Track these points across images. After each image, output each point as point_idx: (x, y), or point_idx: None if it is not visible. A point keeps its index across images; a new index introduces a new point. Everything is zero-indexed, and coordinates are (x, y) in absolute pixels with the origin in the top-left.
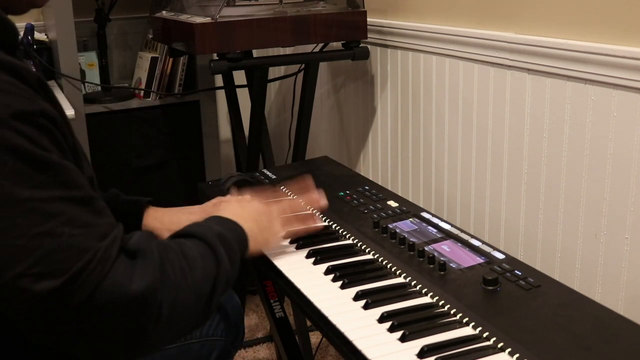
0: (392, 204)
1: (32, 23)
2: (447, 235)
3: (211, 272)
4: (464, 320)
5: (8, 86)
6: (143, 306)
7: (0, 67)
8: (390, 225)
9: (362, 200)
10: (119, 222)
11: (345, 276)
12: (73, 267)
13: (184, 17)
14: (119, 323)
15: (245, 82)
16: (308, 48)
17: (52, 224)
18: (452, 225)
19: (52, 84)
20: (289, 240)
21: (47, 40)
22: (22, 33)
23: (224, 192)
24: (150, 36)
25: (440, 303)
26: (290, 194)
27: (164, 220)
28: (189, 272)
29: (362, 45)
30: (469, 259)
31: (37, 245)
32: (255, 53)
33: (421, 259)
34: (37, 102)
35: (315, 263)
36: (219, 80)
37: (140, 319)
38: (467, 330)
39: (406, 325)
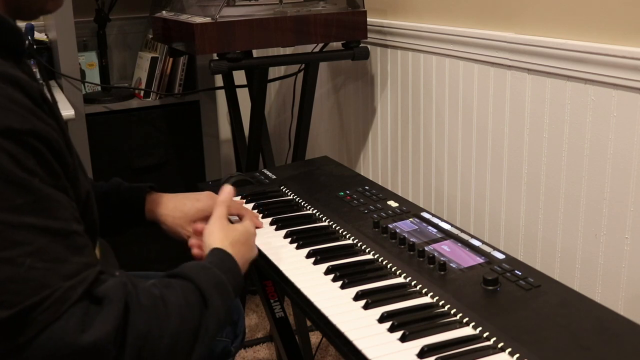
0: (392, 204)
1: (32, 23)
2: (447, 235)
3: (194, 322)
4: (464, 320)
5: (3, 100)
6: (91, 358)
7: (3, 79)
8: (390, 225)
9: (362, 200)
10: (123, 214)
11: (345, 276)
12: (25, 302)
13: (184, 17)
14: None
15: (245, 82)
16: (308, 48)
17: (15, 252)
18: (452, 225)
19: (52, 84)
20: (289, 240)
21: (47, 40)
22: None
23: None
24: (150, 36)
25: (440, 303)
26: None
27: (169, 206)
28: (165, 320)
29: (362, 45)
30: (469, 259)
31: None
32: (255, 53)
33: (421, 259)
34: (30, 120)
35: (315, 263)
36: (219, 80)
37: None
38: (467, 330)
39: (406, 325)
